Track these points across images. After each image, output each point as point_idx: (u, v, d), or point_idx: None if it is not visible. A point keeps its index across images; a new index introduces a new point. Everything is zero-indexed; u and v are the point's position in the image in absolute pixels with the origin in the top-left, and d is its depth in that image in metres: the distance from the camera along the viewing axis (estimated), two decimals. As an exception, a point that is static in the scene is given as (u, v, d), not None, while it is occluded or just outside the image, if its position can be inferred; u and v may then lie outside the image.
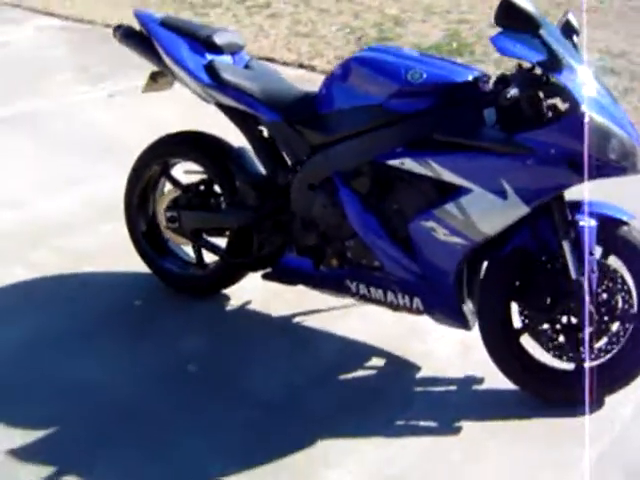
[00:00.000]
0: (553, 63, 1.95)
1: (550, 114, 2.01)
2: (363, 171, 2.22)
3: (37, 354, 2.48)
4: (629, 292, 2.18)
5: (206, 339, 2.57)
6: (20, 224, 3.27)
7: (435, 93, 2.09)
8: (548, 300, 2.17)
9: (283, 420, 2.21)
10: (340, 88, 2.25)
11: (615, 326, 2.20)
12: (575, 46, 2.27)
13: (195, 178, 2.67)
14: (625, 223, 2.16)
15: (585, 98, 1.93)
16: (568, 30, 2.28)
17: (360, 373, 2.41)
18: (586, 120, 1.91)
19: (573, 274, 2.10)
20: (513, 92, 1.91)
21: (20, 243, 3.12)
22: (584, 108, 1.92)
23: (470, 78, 2.10)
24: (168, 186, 2.78)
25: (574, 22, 2.28)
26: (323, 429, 2.16)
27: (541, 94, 2.00)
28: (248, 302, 2.75)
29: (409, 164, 2.11)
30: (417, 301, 2.27)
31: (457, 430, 2.16)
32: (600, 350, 2.21)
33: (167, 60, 2.47)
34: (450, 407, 2.25)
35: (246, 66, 2.57)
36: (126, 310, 2.73)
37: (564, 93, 1.96)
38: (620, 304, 2.18)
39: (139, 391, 2.33)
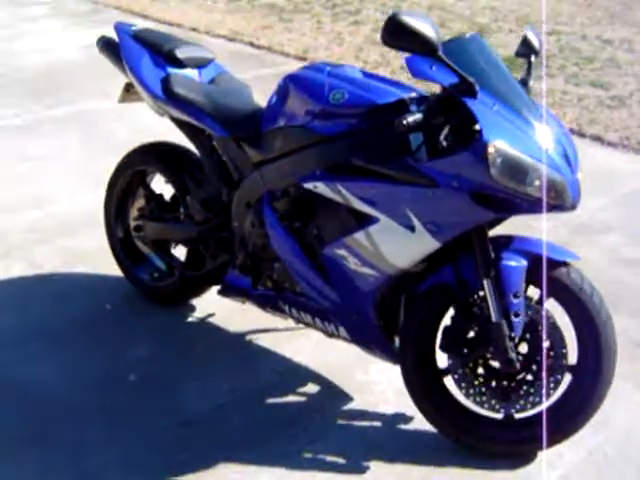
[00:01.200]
0: (465, 87, 1.80)
1: (457, 143, 1.83)
2: (289, 192, 2.16)
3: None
4: (561, 340, 1.98)
5: (156, 349, 2.60)
6: (36, 222, 3.46)
7: (356, 115, 1.98)
8: (467, 343, 2.02)
9: (195, 438, 2.19)
10: (276, 106, 2.20)
11: (545, 377, 2.01)
12: (530, 67, 2.11)
13: (167, 189, 2.72)
14: (566, 264, 1.97)
15: (493, 127, 1.76)
16: (526, 48, 2.12)
17: (289, 398, 2.35)
18: (490, 150, 1.74)
19: (493, 317, 1.94)
20: (412, 118, 1.78)
21: (30, 240, 3.30)
22: (488, 137, 1.75)
23: (395, 100, 1.97)
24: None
25: (533, 41, 2.12)
26: (230, 451, 2.13)
27: (452, 121, 1.85)
28: (211, 314, 2.76)
29: (321, 188, 2.02)
30: (342, 330, 2.19)
31: (363, 470, 2.06)
32: (528, 402, 2.03)
33: (128, 72, 2.52)
34: (365, 445, 2.14)
35: (212, 80, 2.58)
36: (97, 314, 2.81)
37: (471, 120, 1.80)
38: (552, 353, 1.99)
39: (76, 394, 2.40)
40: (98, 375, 2.47)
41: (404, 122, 1.77)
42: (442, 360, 2.08)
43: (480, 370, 2.04)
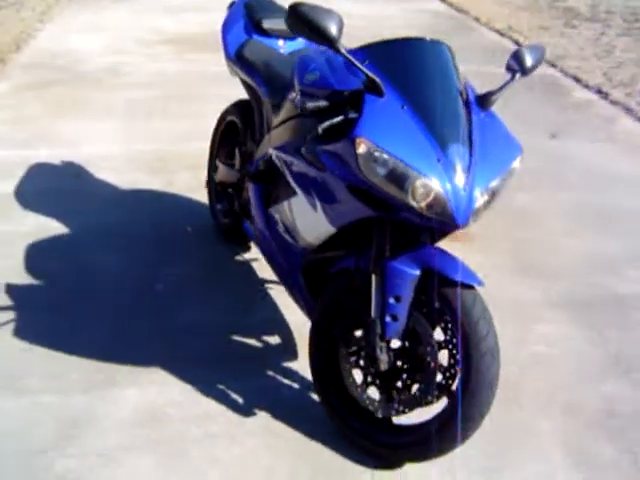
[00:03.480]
0: (371, 85, 1.83)
1: (343, 133, 1.81)
2: (266, 157, 2.37)
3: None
4: (432, 355, 1.93)
5: (190, 269, 3.02)
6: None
7: (316, 96, 2.08)
8: (350, 332, 2.07)
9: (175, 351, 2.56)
10: (290, 80, 2.41)
11: (416, 386, 1.99)
12: (507, 84, 2.02)
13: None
14: (465, 287, 1.91)
15: (373, 124, 1.77)
16: (516, 64, 2.03)
17: (263, 340, 2.60)
18: (358, 144, 1.74)
19: (372, 313, 1.97)
20: (317, 104, 1.87)
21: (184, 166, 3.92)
22: (361, 132, 1.74)
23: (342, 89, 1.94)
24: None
25: (526, 60, 2.02)
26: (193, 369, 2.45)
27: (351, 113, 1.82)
28: (255, 259, 3.08)
29: (274, 157, 2.21)
30: (279, 275, 2.37)
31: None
32: (399, 409, 2.02)
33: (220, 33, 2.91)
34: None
35: (294, 52, 2.84)
36: (174, 232, 3.30)
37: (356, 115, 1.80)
38: (424, 365, 1.96)
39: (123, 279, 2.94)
40: (140, 273, 2.99)
41: (308, 105, 1.89)
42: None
43: (361, 362, 2.08)
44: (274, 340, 2.60)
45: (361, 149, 1.76)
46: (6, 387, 2.34)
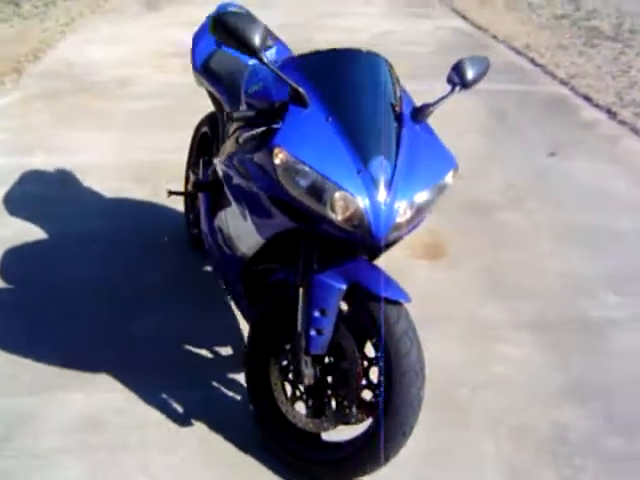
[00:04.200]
0: (296, 96, 1.82)
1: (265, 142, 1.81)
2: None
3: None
4: (354, 371, 1.90)
5: (152, 280, 3.05)
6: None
7: (254, 107, 2.05)
8: (282, 345, 2.05)
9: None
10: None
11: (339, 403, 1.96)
12: (447, 96, 1.98)
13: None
14: (389, 302, 1.88)
15: (293, 134, 1.75)
16: (457, 77, 2.00)
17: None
18: (275, 154, 1.73)
19: (298, 326, 1.95)
20: (242, 114, 1.88)
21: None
22: (279, 141, 1.73)
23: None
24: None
25: (467, 72, 1.99)
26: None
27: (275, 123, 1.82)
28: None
29: (218, 168, 2.21)
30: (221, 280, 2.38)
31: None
32: (323, 427, 2.00)
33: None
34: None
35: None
36: (154, 240, 3.35)
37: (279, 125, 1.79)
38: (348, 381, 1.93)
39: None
40: (109, 279, 3.03)
41: (235, 115, 1.89)
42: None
43: (290, 376, 2.06)
44: (226, 351, 2.59)
45: (278, 159, 1.75)
46: (-44, 387, 2.39)
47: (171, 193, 2.94)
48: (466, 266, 3.17)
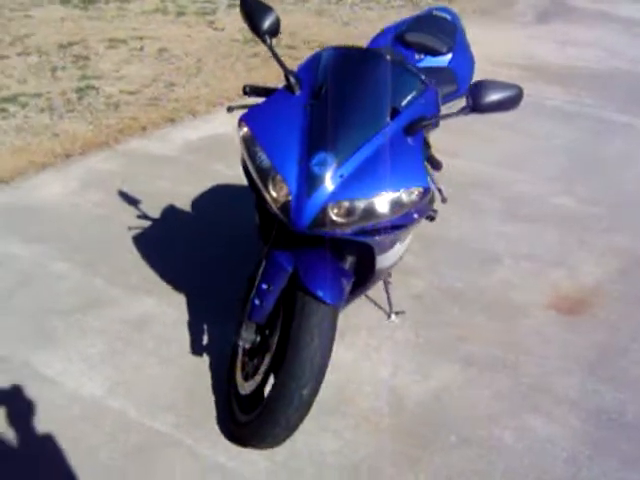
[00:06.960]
0: (288, 82, 1.93)
1: None
2: None
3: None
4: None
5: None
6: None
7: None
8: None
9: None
10: None
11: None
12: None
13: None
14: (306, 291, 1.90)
15: (261, 116, 1.90)
16: (469, 97, 1.89)
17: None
18: (240, 133, 1.93)
19: (252, 293, 2.06)
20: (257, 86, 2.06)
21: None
22: (245, 118, 1.93)
23: None
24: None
25: (481, 95, 1.87)
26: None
27: None
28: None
29: None
30: None
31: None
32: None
33: None
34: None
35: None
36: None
37: None
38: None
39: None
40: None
41: (248, 88, 2.08)
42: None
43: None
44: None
45: (242, 132, 1.93)
46: None
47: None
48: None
